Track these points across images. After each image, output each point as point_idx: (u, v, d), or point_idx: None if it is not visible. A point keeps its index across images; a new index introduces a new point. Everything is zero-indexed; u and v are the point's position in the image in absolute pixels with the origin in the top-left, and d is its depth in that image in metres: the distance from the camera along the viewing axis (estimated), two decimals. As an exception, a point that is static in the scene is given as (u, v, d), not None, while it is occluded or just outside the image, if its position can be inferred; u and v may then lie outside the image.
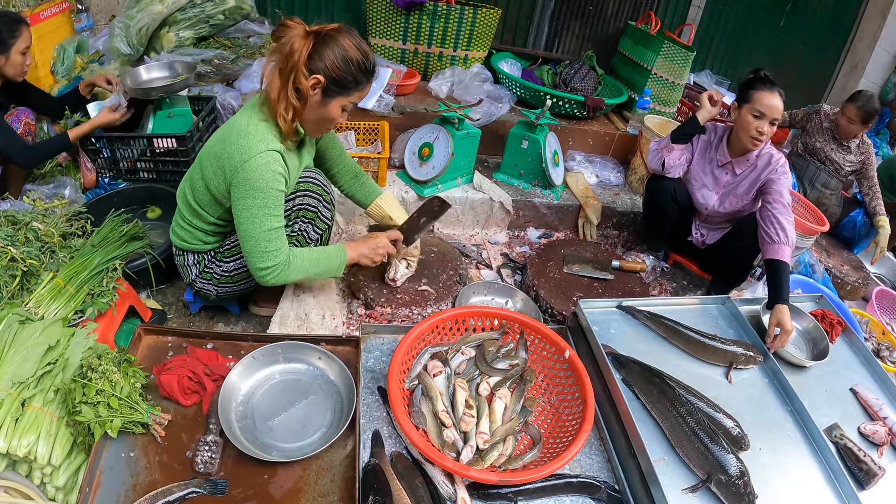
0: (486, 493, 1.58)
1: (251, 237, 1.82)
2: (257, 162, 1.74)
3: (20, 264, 1.88)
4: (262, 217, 1.79)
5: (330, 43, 1.72)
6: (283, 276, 1.90)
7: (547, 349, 1.94)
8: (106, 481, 1.51)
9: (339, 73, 1.75)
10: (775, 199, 2.43)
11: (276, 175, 1.78)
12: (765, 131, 2.48)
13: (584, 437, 1.61)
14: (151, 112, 2.84)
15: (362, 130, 3.22)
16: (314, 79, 1.73)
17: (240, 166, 1.75)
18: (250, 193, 1.77)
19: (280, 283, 1.92)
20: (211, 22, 3.37)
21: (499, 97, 3.60)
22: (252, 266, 1.87)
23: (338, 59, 1.73)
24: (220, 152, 1.82)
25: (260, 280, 1.90)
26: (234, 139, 1.78)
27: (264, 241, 1.82)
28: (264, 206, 1.79)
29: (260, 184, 1.76)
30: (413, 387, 1.77)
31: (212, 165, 1.84)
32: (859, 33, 5.41)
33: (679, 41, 3.90)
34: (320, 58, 1.72)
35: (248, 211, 1.79)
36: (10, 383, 1.53)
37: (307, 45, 1.70)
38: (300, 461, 1.59)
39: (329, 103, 1.81)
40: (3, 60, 2.43)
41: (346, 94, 1.81)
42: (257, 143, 1.75)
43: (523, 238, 3.32)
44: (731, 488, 1.57)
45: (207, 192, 1.90)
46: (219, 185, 1.84)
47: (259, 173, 1.75)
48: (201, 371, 1.76)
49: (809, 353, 2.23)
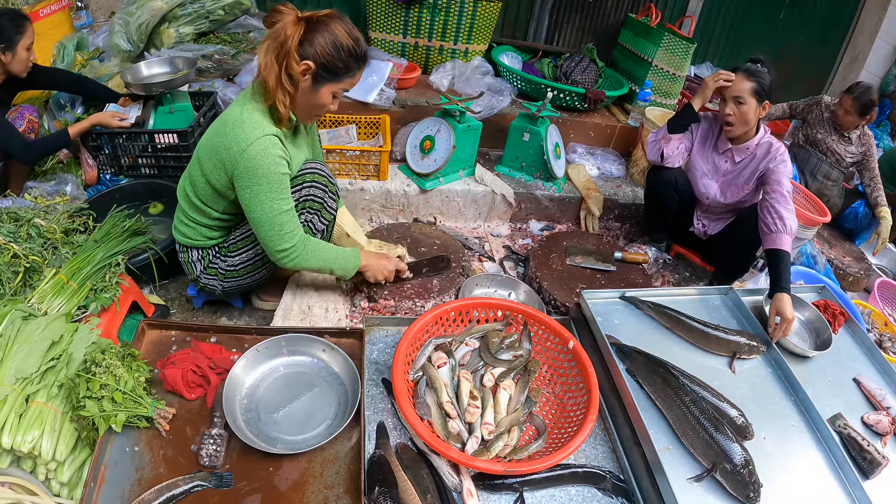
0: (492, 484, 1.58)
1: (264, 223, 1.83)
2: (256, 148, 1.74)
3: (23, 260, 1.88)
4: (270, 202, 1.80)
5: (321, 29, 1.72)
6: (302, 260, 1.92)
7: (551, 340, 1.94)
8: (111, 476, 1.51)
9: (329, 60, 1.74)
10: (774, 189, 2.42)
11: (276, 159, 1.78)
12: (729, 111, 2.50)
13: (588, 428, 1.61)
14: (152, 108, 2.84)
15: (364, 124, 3.22)
16: (304, 64, 1.72)
17: (239, 155, 1.75)
18: (255, 181, 1.77)
19: (299, 267, 1.95)
20: (211, 17, 3.36)
21: (500, 90, 3.60)
22: (270, 250, 1.89)
23: (328, 45, 1.72)
24: (217, 145, 1.81)
25: (279, 263, 1.93)
26: (229, 130, 1.78)
27: (278, 224, 1.83)
28: (271, 191, 1.79)
29: (262, 170, 1.76)
30: (417, 378, 1.78)
31: (210, 160, 1.84)
32: (859, 25, 5.38)
33: (679, 33, 3.88)
34: (311, 44, 1.72)
35: (256, 198, 1.79)
36: (14, 379, 1.52)
37: (299, 31, 1.70)
38: (305, 453, 1.60)
39: (319, 89, 1.80)
40: (9, 57, 2.43)
41: (337, 81, 1.81)
42: (253, 130, 1.75)
43: (525, 230, 3.32)
44: (735, 477, 1.57)
45: (209, 187, 1.89)
46: (220, 177, 1.84)
47: (260, 159, 1.75)
48: (205, 365, 1.76)
49: (812, 343, 2.23)
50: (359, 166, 2.97)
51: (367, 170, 3.00)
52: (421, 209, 3.15)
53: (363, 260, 2.13)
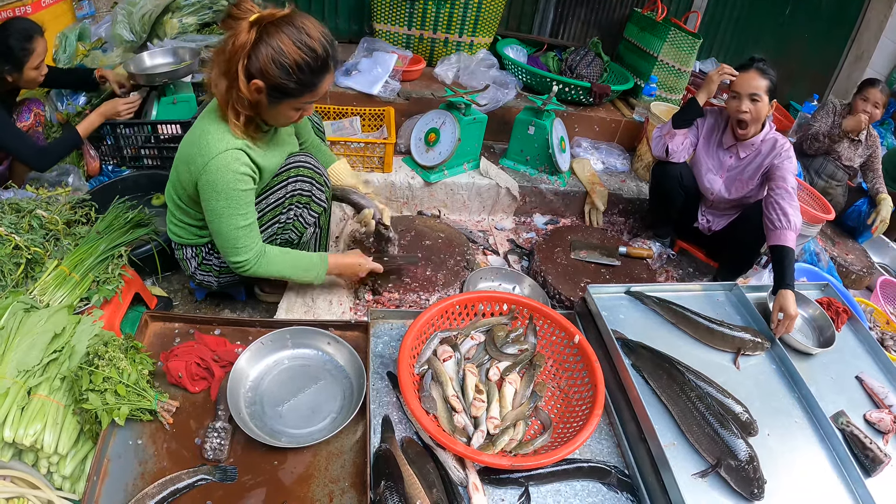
0: (497, 478, 1.58)
1: (220, 235, 1.81)
2: (217, 164, 1.67)
3: (24, 252, 1.87)
4: (228, 217, 1.76)
5: (265, 42, 1.53)
6: (257, 270, 1.88)
7: (556, 334, 1.93)
8: (114, 469, 1.50)
9: (276, 80, 1.57)
10: (778, 185, 2.42)
11: (237, 176, 1.70)
12: (744, 108, 2.49)
13: (594, 422, 1.60)
14: (155, 98, 2.83)
15: (368, 116, 3.21)
16: (254, 84, 1.57)
17: (202, 168, 1.70)
18: (213, 195, 1.72)
19: (256, 276, 1.92)
20: (214, 8, 3.34)
21: (505, 83, 3.58)
22: (226, 259, 1.87)
23: (272, 64, 1.54)
24: (186, 155, 1.77)
25: (235, 272, 1.91)
26: (196, 140, 1.72)
27: (232, 238, 1.80)
28: (228, 207, 1.74)
29: (222, 186, 1.70)
30: (423, 372, 1.77)
31: (185, 169, 1.79)
32: (865, 23, 5.35)
33: (685, 28, 3.86)
34: (257, 59, 1.53)
35: (215, 212, 1.76)
36: (16, 371, 1.51)
37: (248, 42, 1.52)
38: (310, 447, 1.59)
39: (277, 107, 1.67)
40: (15, 76, 2.38)
41: (294, 99, 1.65)
42: (216, 143, 1.68)
43: (530, 224, 3.31)
44: (740, 473, 1.57)
45: (185, 193, 1.87)
46: (190, 186, 1.81)
47: (220, 175, 1.68)
48: (209, 357, 1.75)
49: (816, 340, 2.22)
50: (363, 158, 2.96)
51: (371, 162, 2.98)
52: (425, 202, 3.14)
53: (331, 266, 2.06)
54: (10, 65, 2.33)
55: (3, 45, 2.30)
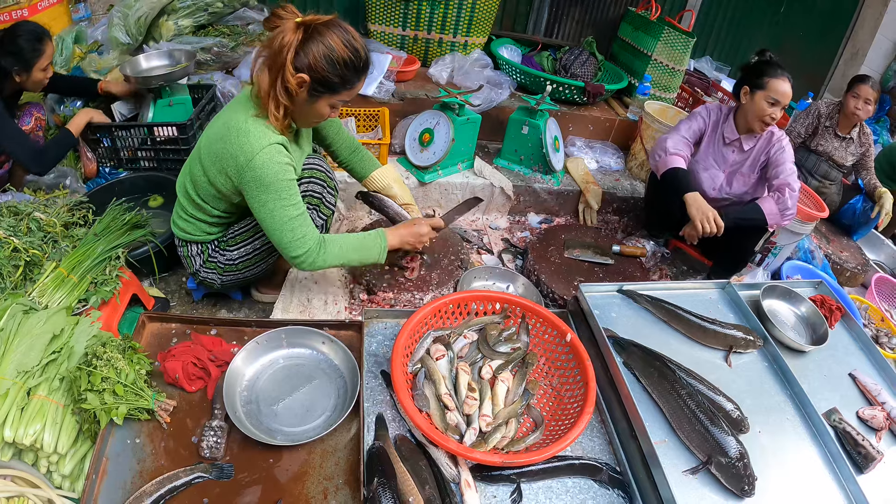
0: (489, 475, 1.59)
1: (276, 230, 1.82)
2: (262, 158, 1.72)
3: (23, 254, 1.88)
4: (280, 209, 1.78)
5: (317, 39, 1.64)
6: (320, 262, 1.90)
7: (548, 333, 1.95)
8: (112, 468, 1.52)
9: (323, 74, 1.68)
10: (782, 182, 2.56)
11: (283, 166, 1.75)
12: (777, 117, 2.55)
13: (585, 420, 1.62)
14: (151, 101, 2.84)
15: (363, 117, 3.22)
16: (299, 77, 1.66)
17: (246, 166, 1.73)
18: (262, 189, 1.75)
19: (318, 269, 1.93)
20: (210, 10, 3.35)
21: (499, 83, 3.60)
22: (286, 256, 1.88)
23: (322, 59, 1.65)
24: (220, 151, 1.79)
25: (297, 267, 1.91)
26: (233, 138, 1.75)
27: (289, 230, 1.81)
28: (279, 199, 1.77)
29: (270, 178, 1.74)
30: (416, 370, 1.79)
31: (214, 165, 1.82)
32: (860, 20, 5.37)
33: (679, 27, 3.88)
34: (306, 55, 1.65)
35: (265, 206, 1.78)
36: (16, 372, 1.53)
37: (296, 40, 1.63)
38: (305, 445, 1.61)
39: (316, 102, 1.76)
40: (23, 77, 2.40)
41: (334, 94, 1.75)
42: (258, 140, 1.72)
43: (524, 223, 3.33)
44: (730, 470, 1.58)
45: (212, 188, 1.88)
46: (225, 183, 1.83)
47: (267, 168, 1.72)
48: (205, 357, 1.77)
49: (808, 337, 2.23)
50: (358, 160, 2.97)
51: (366, 163, 2.99)
52: (420, 202, 3.16)
53: (391, 238, 2.06)
54: (21, 65, 2.36)
55: (15, 45, 2.33)
